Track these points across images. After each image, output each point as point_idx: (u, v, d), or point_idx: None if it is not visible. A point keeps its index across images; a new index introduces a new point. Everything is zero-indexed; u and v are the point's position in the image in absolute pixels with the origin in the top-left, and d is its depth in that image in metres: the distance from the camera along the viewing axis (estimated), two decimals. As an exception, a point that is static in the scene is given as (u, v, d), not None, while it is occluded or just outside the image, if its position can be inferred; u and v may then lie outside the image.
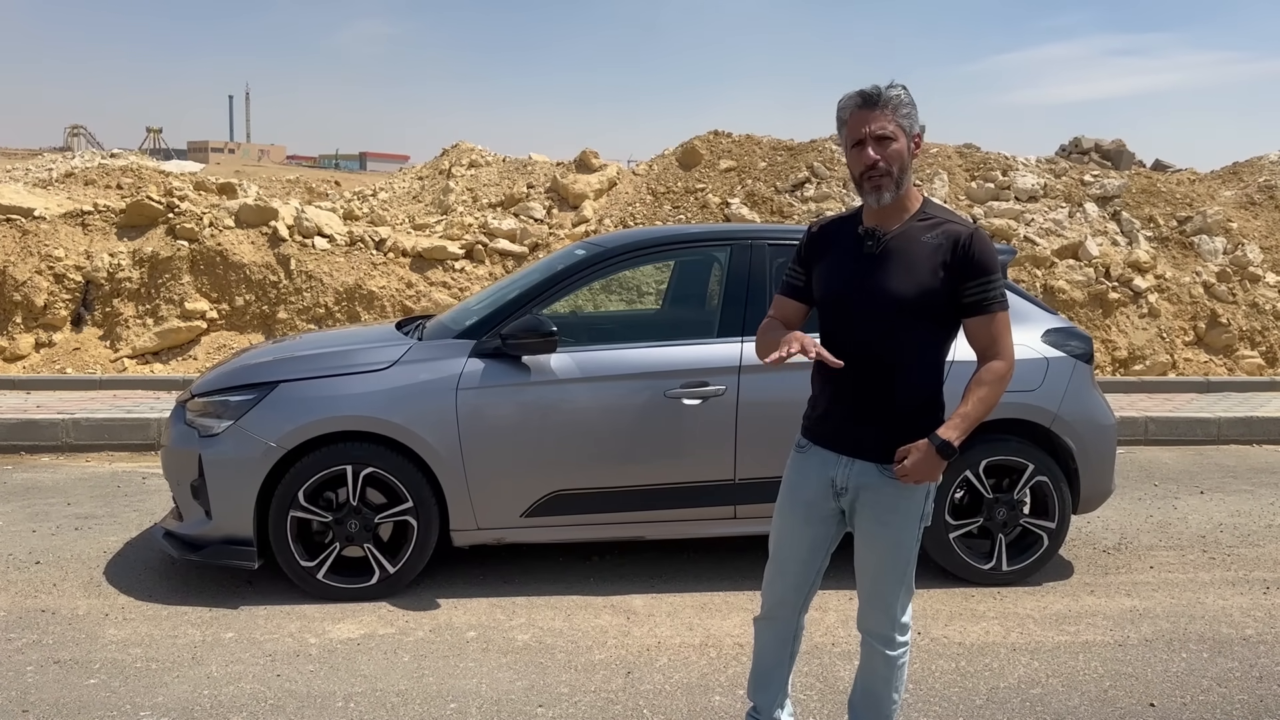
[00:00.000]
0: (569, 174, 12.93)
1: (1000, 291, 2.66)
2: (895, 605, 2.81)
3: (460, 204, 13.38)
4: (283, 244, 10.55)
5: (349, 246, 10.85)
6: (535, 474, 4.42)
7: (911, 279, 2.63)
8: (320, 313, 10.32)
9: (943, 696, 3.59)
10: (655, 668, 3.79)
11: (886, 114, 2.59)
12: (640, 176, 13.15)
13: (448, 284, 10.85)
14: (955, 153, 13.00)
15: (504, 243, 11.31)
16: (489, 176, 13.94)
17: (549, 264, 5.13)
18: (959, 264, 2.61)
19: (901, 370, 2.70)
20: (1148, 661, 3.90)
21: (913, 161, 2.68)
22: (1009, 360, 2.70)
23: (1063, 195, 12.53)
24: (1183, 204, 12.55)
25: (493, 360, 4.41)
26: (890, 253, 2.66)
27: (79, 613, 4.24)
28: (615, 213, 12.42)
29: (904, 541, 2.77)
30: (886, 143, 2.59)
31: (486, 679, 3.69)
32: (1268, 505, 6.12)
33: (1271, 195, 12.95)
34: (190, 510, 4.44)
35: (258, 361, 4.57)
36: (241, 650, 3.89)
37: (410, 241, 11.05)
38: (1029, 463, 4.62)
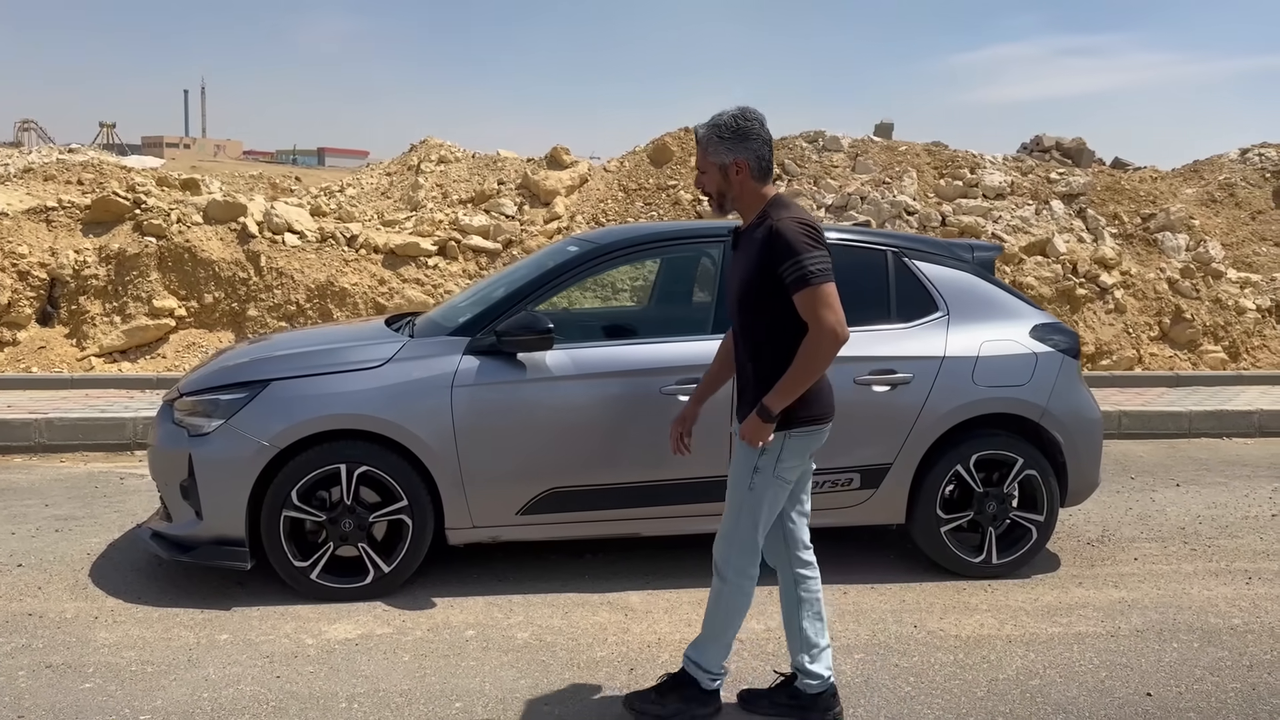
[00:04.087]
0: (540, 170, 12.87)
1: (809, 271, 3.01)
2: (726, 543, 3.24)
3: (430, 200, 13.28)
4: (252, 240, 10.42)
5: (320, 243, 10.74)
6: (531, 471, 4.40)
7: (744, 272, 3.13)
8: (292, 310, 10.21)
9: (944, 689, 3.63)
10: (658, 664, 3.79)
11: (700, 150, 3.20)
12: (611, 173, 13.13)
13: (421, 281, 10.77)
14: (924, 150, 13.11)
15: (477, 239, 11.25)
16: (459, 173, 13.85)
17: (538, 261, 5.12)
18: (770, 252, 3.05)
19: (756, 346, 3.19)
20: (1140, 652, 3.96)
21: (739, 180, 3.15)
22: (821, 331, 3.02)
23: (1029, 193, 12.68)
24: (1146, 201, 12.76)
25: (488, 357, 4.38)
26: (740, 249, 3.23)
27: (67, 616, 4.16)
28: (587, 209, 12.40)
29: (735, 484, 3.21)
30: (701, 176, 3.23)
31: (489, 678, 3.67)
32: (1242, 497, 6.24)
33: (1231, 193, 13.21)
34: (179, 511, 4.38)
35: (247, 359, 4.52)
36: (238, 652, 3.84)
37: (382, 238, 10.96)
38: (1018, 457, 4.67)
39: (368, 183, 14.79)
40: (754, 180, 3.15)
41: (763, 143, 3.15)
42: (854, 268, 4.76)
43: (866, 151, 12.90)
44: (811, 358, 3.04)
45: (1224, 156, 14.06)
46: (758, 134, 3.14)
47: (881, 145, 13.14)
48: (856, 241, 4.85)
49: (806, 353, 3.04)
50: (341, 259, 10.62)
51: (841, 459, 4.56)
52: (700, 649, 3.35)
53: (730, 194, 3.17)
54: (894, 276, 4.74)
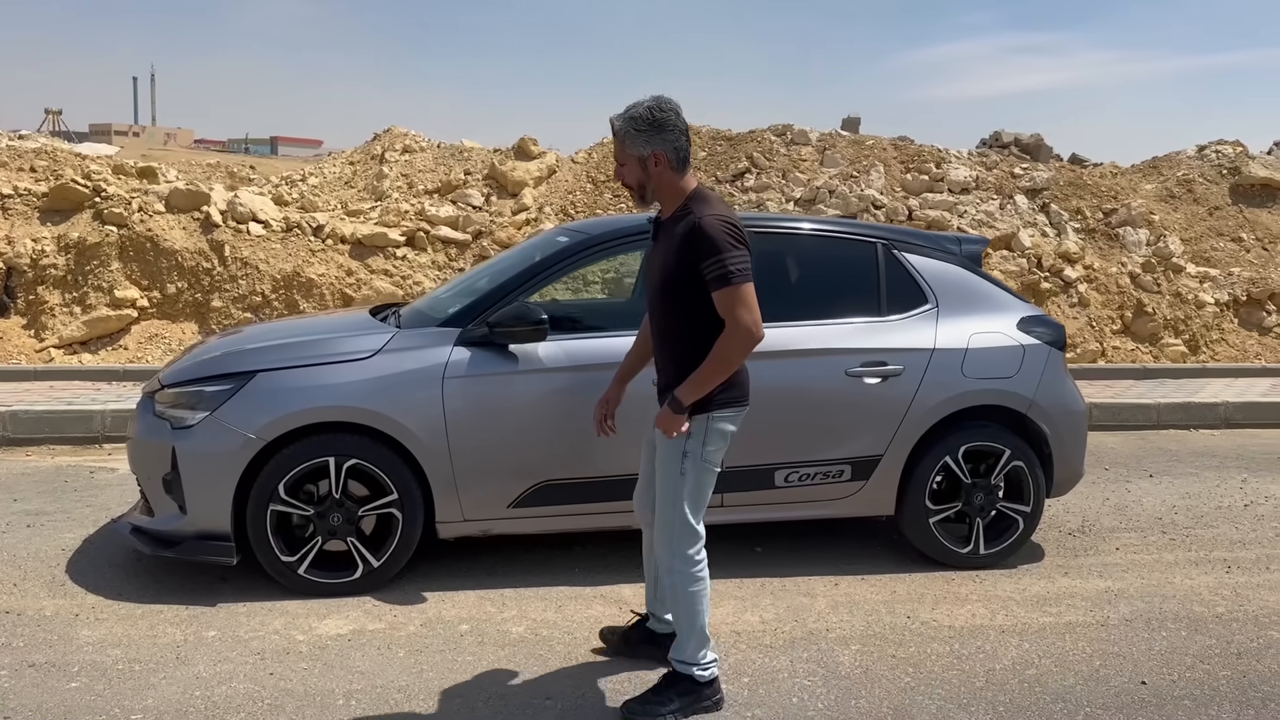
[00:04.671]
0: (507, 161, 12.77)
1: (730, 270, 3.05)
2: (667, 534, 3.27)
3: (395, 190, 13.11)
4: (216, 230, 10.24)
5: (285, 233, 10.59)
6: (523, 464, 4.35)
7: (664, 262, 3.19)
8: (257, 301, 10.05)
9: (942, 680, 3.64)
10: (656, 659, 3.76)
11: (618, 143, 3.21)
12: (579, 164, 13.07)
13: (389, 272, 10.66)
14: (890, 145, 13.18)
15: (446, 230, 11.15)
16: (424, 163, 13.69)
17: (525, 252, 5.06)
18: (692, 248, 3.09)
19: (671, 336, 3.26)
20: (1131, 641, 4.01)
21: (657, 171, 3.16)
22: (737, 330, 3.08)
23: (994, 187, 12.80)
24: (1108, 197, 12.93)
25: (479, 349, 4.33)
26: (659, 241, 3.28)
27: (46, 614, 4.05)
28: (556, 201, 12.33)
29: (665, 475, 3.25)
30: (620, 168, 3.25)
31: (487, 673, 3.63)
32: (1214, 488, 6.34)
33: (1190, 189, 13.42)
34: (162, 505, 4.28)
35: (233, 350, 4.42)
36: (227, 649, 3.77)
37: (349, 228, 10.83)
38: (1006, 448, 4.70)
39: (330, 172, 14.57)
40: (672, 171, 3.18)
41: (679, 133, 3.17)
42: (844, 260, 4.79)
43: (834, 146, 12.95)
44: (726, 354, 3.10)
45: (1182, 153, 14.28)
46: (674, 125, 3.15)
47: (849, 140, 13.20)
48: (846, 234, 4.86)
49: (721, 349, 3.10)
50: (308, 249, 10.47)
51: (833, 451, 4.56)
52: (679, 648, 3.37)
53: (650, 185, 3.20)
54: (884, 269, 4.75)
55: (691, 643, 3.33)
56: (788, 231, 4.80)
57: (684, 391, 3.14)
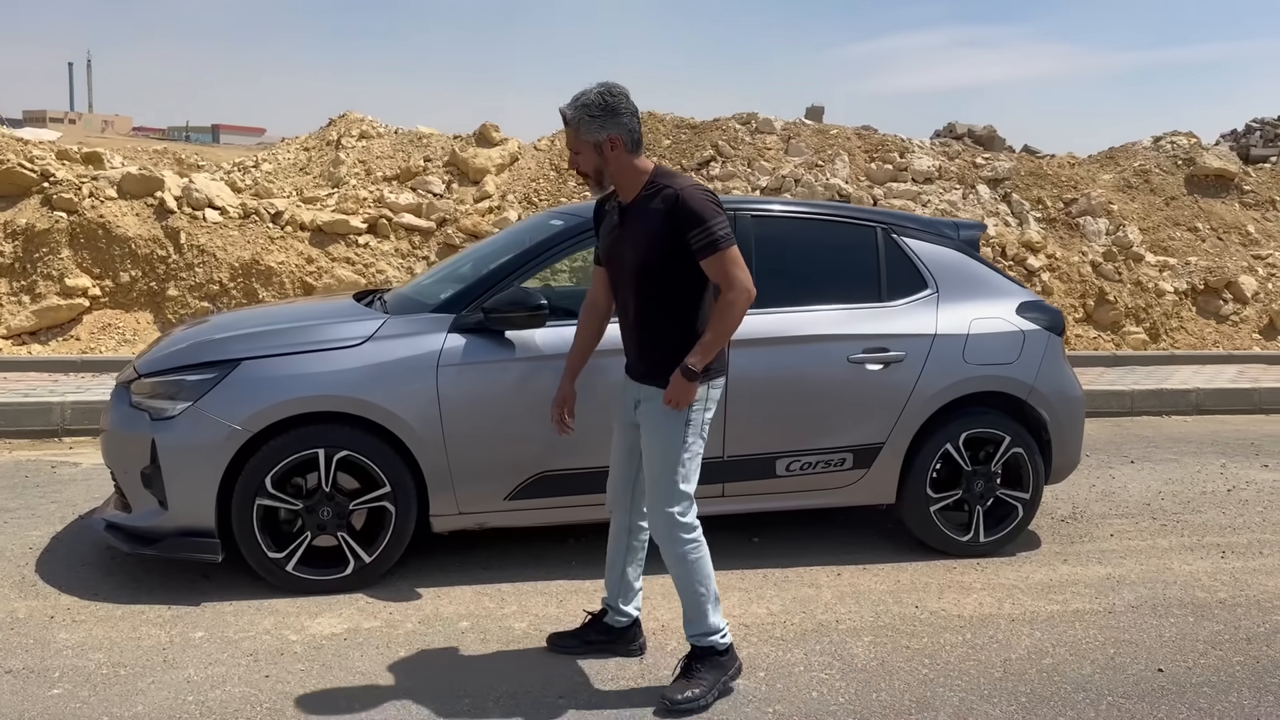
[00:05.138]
0: (469, 148, 12.55)
1: (718, 235, 3.08)
2: (670, 503, 3.26)
3: (353, 177, 12.83)
4: (171, 216, 9.91)
5: (243, 219, 10.28)
6: (521, 455, 4.21)
7: (642, 242, 3.16)
8: (215, 289, 9.75)
9: (960, 671, 3.57)
10: (667, 652, 3.65)
11: (571, 132, 3.19)
12: (543, 152, 12.87)
13: (351, 260, 10.40)
14: (854, 134, 13.17)
15: (409, 217, 10.91)
16: (381, 149, 13.42)
17: (515, 237, 4.92)
18: (676, 220, 3.10)
19: (655, 316, 3.25)
20: (1141, 628, 3.97)
21: (614, 155, 3.16)
22: (736, 289, 3.10)
23: (956, 177, 12.84)
24: (1068, 187, 13.03)
25: (474, 336, 4.17)
26: (626, 222, 3.24)
27: (19, 616, 3.84)
28: (519, 188, 12.14)
29: (669, 445, 3.23)
30: (574, 156, 3.24)
31: (494, 671, 3.49)
32: (1195, 473, 6.37)
33: (1146, 179, 13.58)
34: (140, 500, 4.07)
35: (214, 337, 4.22)
36: (217, 651, 3.58)
37: (309, 215, 10.55)
38: (1006, 435, 4.65)
39: (284, 158, 14.23)
40: (628, 153, 3.19)
41: (631, 115, 3.19)
42: (845, 245, 4.70)
43: (799, 134, 12.90)
44: (729, 315, 3.13)
45: (1138, 144, 14.44)
46: (625, 108, 3.17)
47: (813, 129, 13.16)
48: (846, 218, 4.77)
49: (724, 310, 3.12)
50: (266, 236, 10.18)
51: (835, 439, 4.48)
52: (694, 623, 3.36)
53: (607, 170, 3.20)
54: (884, 254, 4.67)
55: (703, 613, 3.33)
56: (788, 216, 4.69)
57: (695, 359, 3.14)
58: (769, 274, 4.40)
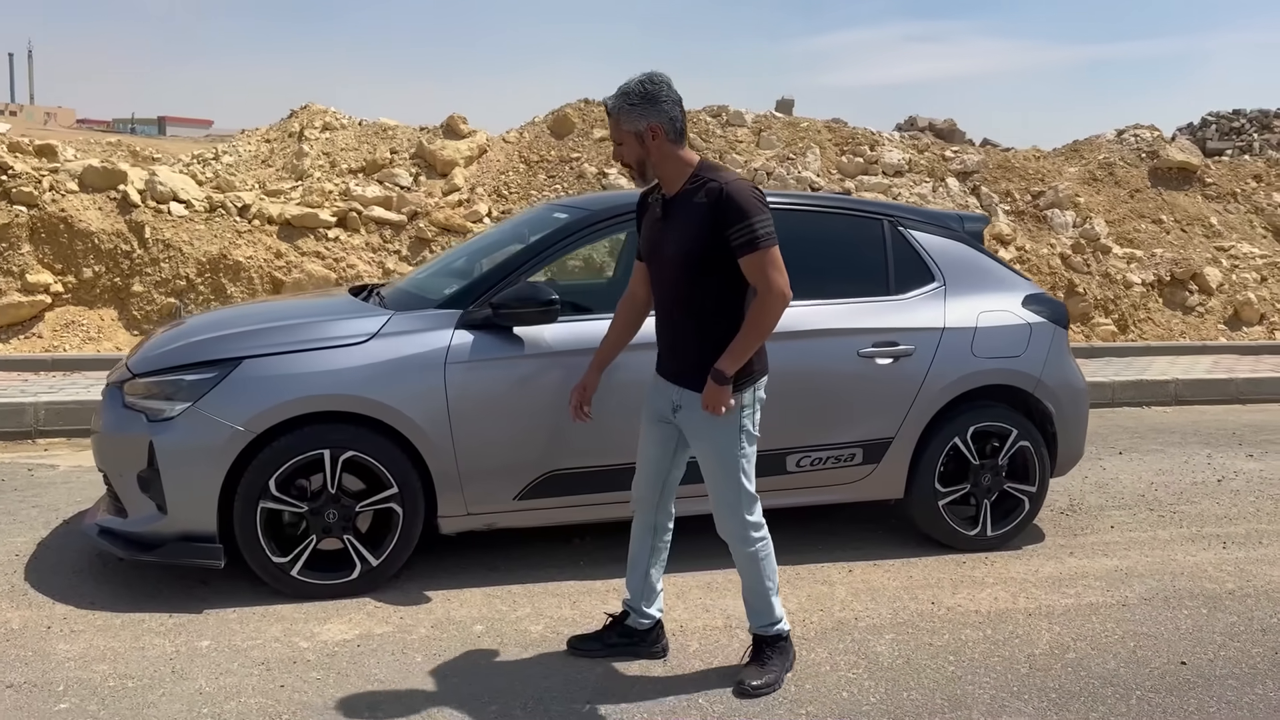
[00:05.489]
0: (436, 140, 12.37)
1: (759, 233, 3.02)
2: (730, 514, 3.26)
3: (317, 169, 12.60)
4: (134, 210, 9.67)
5: (209, 213, 10.06)
6: (530, 454, 4.12)
7: (685, 236, 3.09)
8: (181, 285, 9.52)
9: (987, 667, 3.54)
10: (689, 654, 3.59)
11: (613, 122, 3.14)
12: (511, 144, 12.74)
13: (321, 254, 10.21)
14: (825, 127, 13.17)
15: (379, 210, 10.74)
16: (346, 141, 13.19)
17: (513, 230, 4.82)
18: (719, 214, 3.04)
19: (695, 314, 3.17)
20: (1156, 620, 3.97)
21: (655, 144, 3.10)
22: (772, 292, 3.04)
23: (926, 170, 12.89)
24: (1035, 179, 13.14)
25: (482, 332, 4.07)
26: (670, 216, 3.16)
27: (13, 627, 3.68)
28: (488, 181, 12.00)
29: (724, 454, 3.20)
30: (618, 148, 3.19)
31: (516, 677, 3.40)
32: (1182, 464, 6.43)
33: (1111, 172, 13.72)
34: (137, 504, 3.93)
35: (214, 335, 4.08)
36: (226, 660, 3.46)
37: (277, 208, 10.34)
38: (1013, 428, 4.64)
39: (245, 150, 13.94)
40: (670, 143, 3.13)
41: (674, 104, 3.12)
42: (852, 238, 4.66)
43: (770, 127, 12.88)
44: (763, 319, 3.08)
45: (1101, 137, 14.59)
46: (667, 96, 3.10)
47: (784, 121, 13.14)
48: (853, 210, 4.73)
49: (758, 314, 3.07)
50: (234, 230, 9.96)
51: (845, 434, 4.44)
52: (760, 615, 3.39)
53: (650, 160, 3.14)
54: (891, 246, 4.64)
55: (770, 605, 3.37)
56: (796, 208, 4.63)
57: (727, 364, 3.09)
58: (778, 267, 4.37)
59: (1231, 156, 16.25)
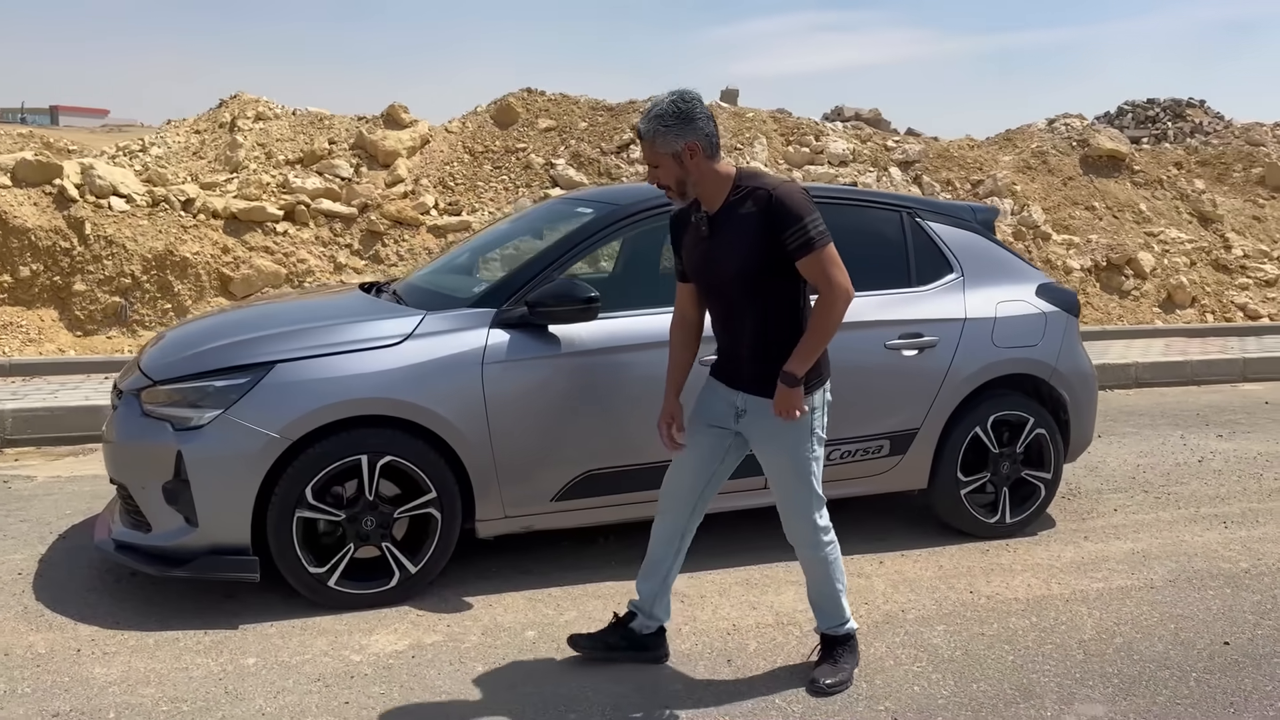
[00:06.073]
0: (376, 130, 12.09)
1: (814, 233, 3.01)
2: (799, 518, 3.25)
3: (252, 161, 12.20)
4: (73, 205, 9.25)
5: (152, 208, 9.69)
6: (569, 453, 4.04)
7: (736, 248, 3.06)
8: (126, 283, 9.15)
9: (1043, 655, 3.58)
10: (750, 653, 3.56)
11: (648, 145, 3.09)
12: (454, 134, 12.52)
13: (270, 249, 9.92)
14: (770, 117, 13.23)
15: (327, 203, 10.47)
16: (281, 131, 12.78)
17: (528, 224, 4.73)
18: (771, 220, 3.01)
19: (756, 321, 3.14)
20: (1187, 602, 4.07)
21: (694, 163, 3.06)
22: (835, 291, 3.04)
23: (870, 160, 13.05)
24: (973, 168, 13.40)
25: (517, 331, 3.98)
26: (717, 230, 3.12)
27: (39, 651, 3.48)
28: (432, 172, 11.77)
29: (795, 458, 3.18)
30: (654, 170, 3.12)
31: (584, 682, 3.33)
32: (1159, 445, 6.61)
33: (1044, 160, 14.06)
34: (163, 517, 3.74)
35: (241, 339, 3.90)
36: (279, 677, 3.32)
37: (222, 202, 10.00)
38: (1030, 416, 4.71)
39: (175, 141, 13.41)
40: (708, 159, 3.09)
41: (707, 119, 3.10)
42: (873, 229, 4.67)
43: (715, 117, 12.85)
44: (829, 318, 3.06)
45: (1033, 126, 14.95)
46: (701, 112, 3.08)
47: (729, 111, 13.16)
48: (872, 202, 4.74)
49: (823, 314, 3.06)
50: (179, 225, 9.61)
51: (873, 426, 4.45)
52: (828, 616, 3.39)
53: (690, 179, 3.09)
54: (910, 238, 4.66)
55: (839, 605, 3.37)
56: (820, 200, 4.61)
57: (796, 365, 3.07)
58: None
59: (1151, 145, 16.80)
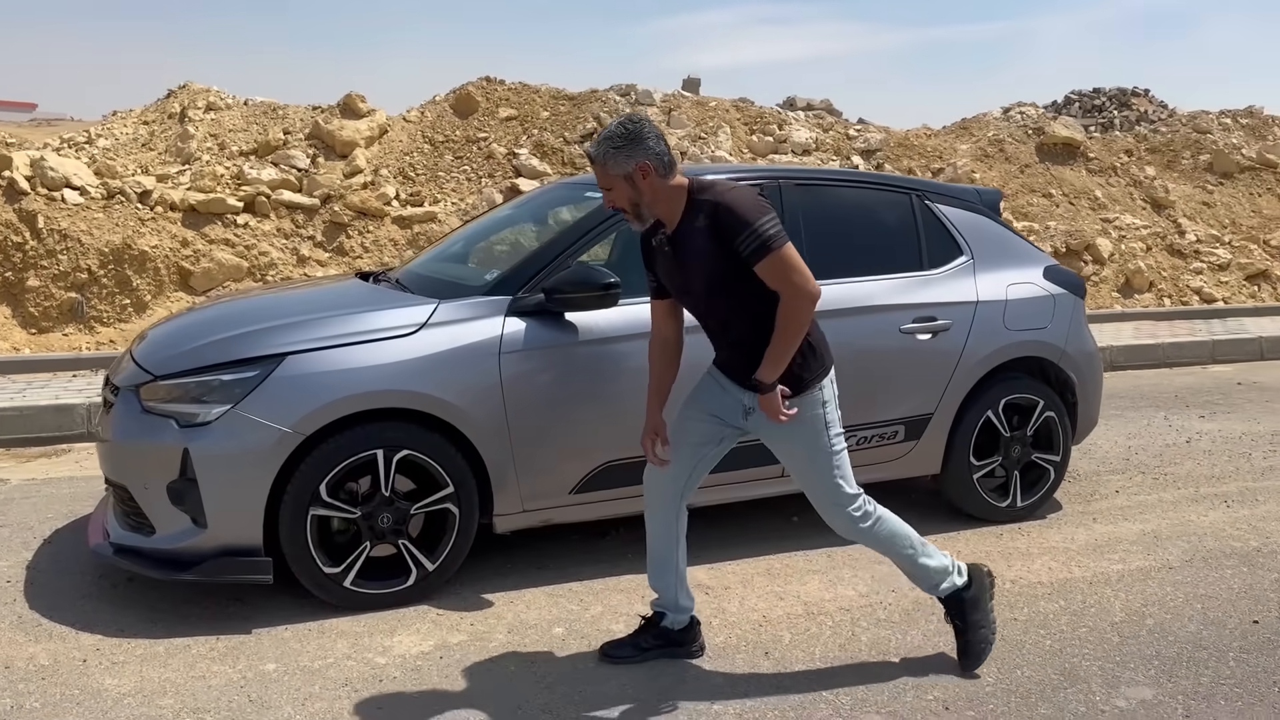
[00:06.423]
0: (333, 120, 11.83)
1: (764, 237, 2.92)
2: (836, 509, 3.19)
3: (205, 152, 11.88)
4: (24, 198, 8.93)
5: (107, 200, 9.37)
6: (588, 444, 3.93)
7: (703, 267, 3.04)
8: (82, 279, 8.83)
9: (1078, 639, 3.54)
10: (786, 645, 3.48)
11: (599, 169, 3.03)
12: (413, 123, 12.28)
13: (230, 241, 9.64)
14: (733, 106, 13.18)
15: (288, 194, 10.21)
16: (233, 121, 12.47)
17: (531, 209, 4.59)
18: (720, 230, 2.96)
19: (745, 322, 3.08)
20: (1208, 581, 4.07)
21: (647, 183, 3.00)
22: (796, 294, 2.95)
23: (833, 149, 13.06)
24: (933, 157, 13.47)
25: (534, 319, 3.85)
26: (679, 248, 3.09)
27: (42, 663, 3.29)
28: (392, 162, 11.54)
29: (813, 452, 3.14)
30: (607, 194, 3.08)
31: (626, 681, 3.22)
32: (1145, 427, 6.67)
33: (1001, 148, 14.19)
34: (168, 518, 3.56)
35: (247, 331, 3.72)
36: (304, 683, 3.17)
37: (180, 194, 9.69)
38: (1039, 399, 4.69)
39: (123, 132, 13.02)
40: (661, 177, 3.03)
41: (657, 138, 3.05)
42: (885, 212, 4.62)
43: (679, 107, 12.80)
44: (792, 324, 2.98)
45: (989, 115, 15.07)
46: (650, 132, 3.04)
47: (692, 101, 13.08)
48: (883, 185, 4.68)
49: (785, 320, 2.97)
50: (136, 218, 9.30)
51: (888, 411, 4.40)
52: (922, 579, 3.33)
53: (644, 200, 3.05)
54: (921, 221, 4.61)
55: (922, 568, 3.30)
56: (831, 183, 4.56)
57: (766, 373, 3.01)
58: (819, 244, 4.29)
59: (1100, 133, 17.03)
